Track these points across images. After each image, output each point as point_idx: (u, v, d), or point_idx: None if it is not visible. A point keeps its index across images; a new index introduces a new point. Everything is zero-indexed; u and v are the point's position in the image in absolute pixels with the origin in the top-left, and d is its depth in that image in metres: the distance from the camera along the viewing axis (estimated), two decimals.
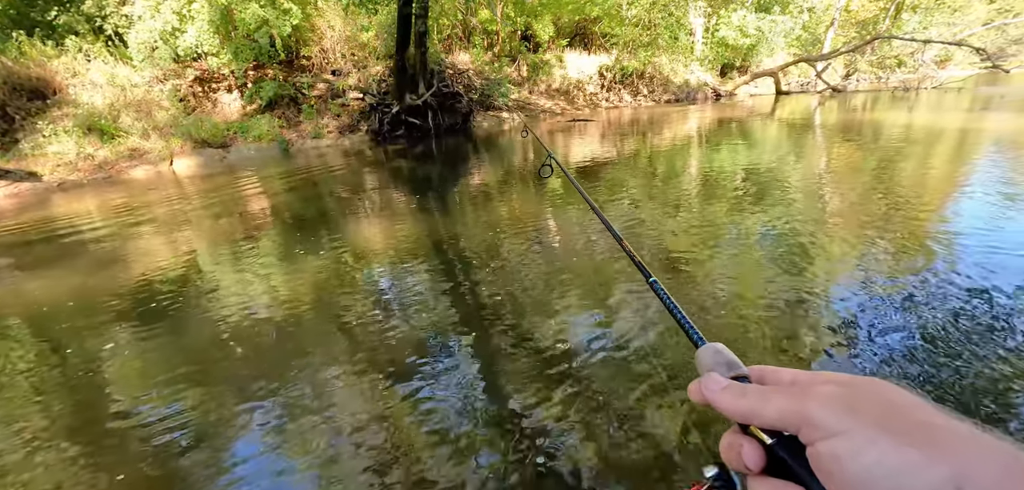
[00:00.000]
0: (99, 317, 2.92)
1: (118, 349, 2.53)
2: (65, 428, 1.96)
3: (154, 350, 2.50)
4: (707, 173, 5.80)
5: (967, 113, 10.19)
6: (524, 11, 16.55)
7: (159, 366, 2.34)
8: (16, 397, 2.20)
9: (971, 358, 1.94)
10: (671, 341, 2.19)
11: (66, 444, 1.86)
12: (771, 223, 3.72)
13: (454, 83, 11.97)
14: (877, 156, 6.03)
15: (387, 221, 4.59)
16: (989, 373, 1.85)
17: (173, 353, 2.44)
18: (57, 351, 2.58)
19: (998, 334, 2.09)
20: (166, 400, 2.07)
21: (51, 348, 2.63)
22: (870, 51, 20.16)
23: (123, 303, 3.09)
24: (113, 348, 2.54)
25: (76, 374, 2.35)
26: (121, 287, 3.35)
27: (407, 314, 2.65)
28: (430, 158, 8.50)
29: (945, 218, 3.63)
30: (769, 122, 10.82)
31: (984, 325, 2.15)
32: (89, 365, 2.40)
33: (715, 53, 18.83)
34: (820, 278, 2.76)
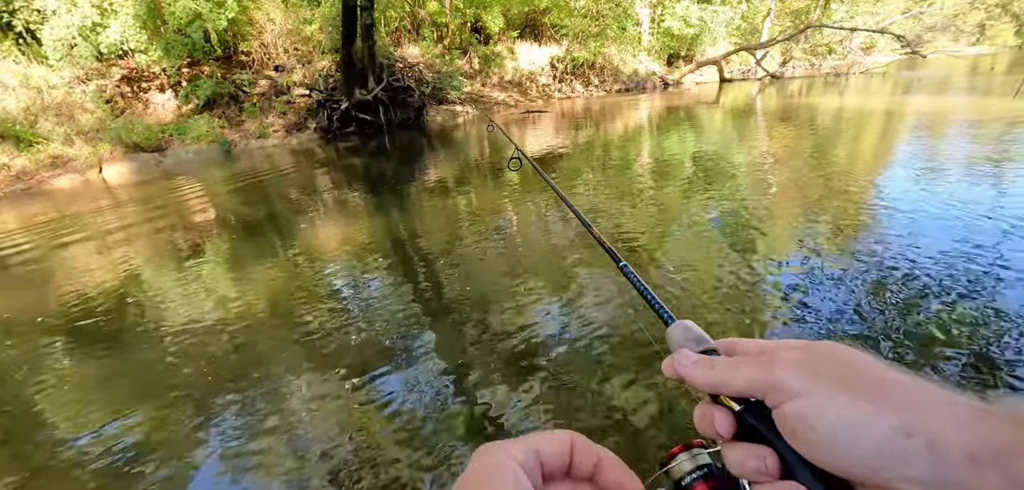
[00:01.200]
0: (27, 343, 2.69)
1: (51, 375, 2.34)
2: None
3: (93, 374, 2.33)
4: (660, 159, 6.00)
5: (890, 96, 11.04)
6: (473, 3, 16.40)
7: (99, 391, 2.19)
8: None
9: (902, 316, 2.13)
10: (635, 323, 2.26)
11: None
12: (722, 204, 3.91)
13: (405, 77, 11.73)
14: (814, 138, 6.43)
15: (343, 221, 4.47)
16: (917, 330, 2.03)
17: (115, 376, 2.29)
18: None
19: (923, 295, 2.30)
20: (109, 426, 1.94)
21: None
22: (804, 39, 21.34)
23: (54, 325, 2.85)
24: (44, 375, 2.35)
25: (7, 403, 2.16)
26: (50, 308, 3.09)
27: (369, 315, 2.61)
28: (384, 154, 8.32)
29: (875, 193, 3.94)
30: (715, 109, 11.29)
31: (911, 288, 2.36)
32: (18, 395, 2.21)
33: (661, 43, 19.37)
34: (769, 253, 2.94)
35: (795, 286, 2.48)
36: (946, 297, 2.26)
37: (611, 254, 0.64)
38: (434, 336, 2.34)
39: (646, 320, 2.24)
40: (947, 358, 1.87)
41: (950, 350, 1.90)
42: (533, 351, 2.14)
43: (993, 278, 2.39)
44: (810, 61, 21.57)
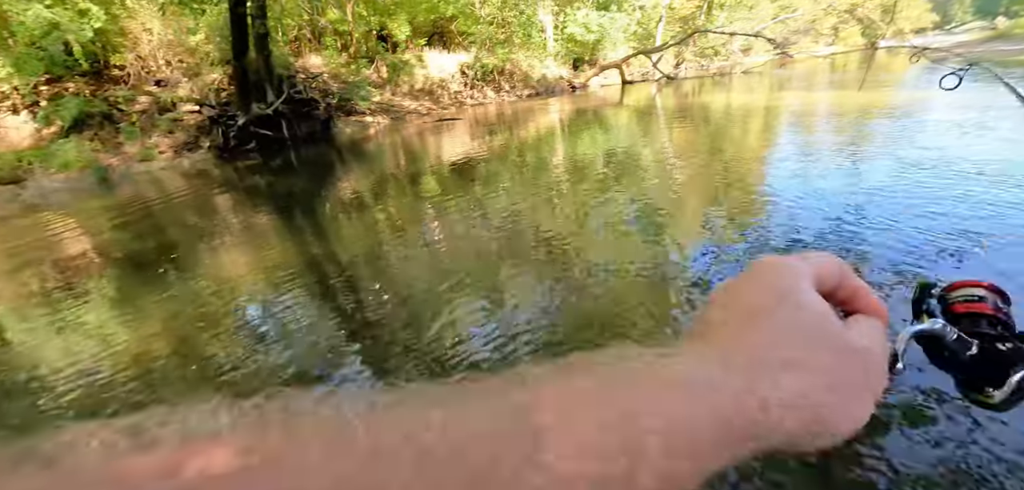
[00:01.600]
0: None
1: None
2: None
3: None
4: (573, 159, 6.29)
5: (768, 92, 12.46)
6: (377, 10, 16.03)
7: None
8: None
9: None
10: (565, 320, 2.36)
11: None
12: (635, 199, 4.22)
13: (308, 88, 11.18)
14: (708, 132, 7.13)
15: (249, 245, 4.19)
16: None
17: None
18: None
19: None
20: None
21: None
22: (692, 43, 23.33)
23: None
24: None
25: None
26: None
27: (286, 342, 2.48)
28: (290, 170, 7.89)
29: (763, 180, 4.50)
30: (620, 109, 12.03)
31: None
32: None
33: (566, 48, 20.22)
34: (677, 243, 3.23)
35: (701, 272, 2.75)
36: None
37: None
38: (359, 357, 2.28)
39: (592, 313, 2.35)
40: None
41: None
42: (465, 363, 2.15)
43: (858, 242, 2.88)
44: (700, 62, 23.67)
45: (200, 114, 10.33)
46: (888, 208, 3.32)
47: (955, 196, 3.39)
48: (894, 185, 3.78)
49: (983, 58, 6.05)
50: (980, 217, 3.00)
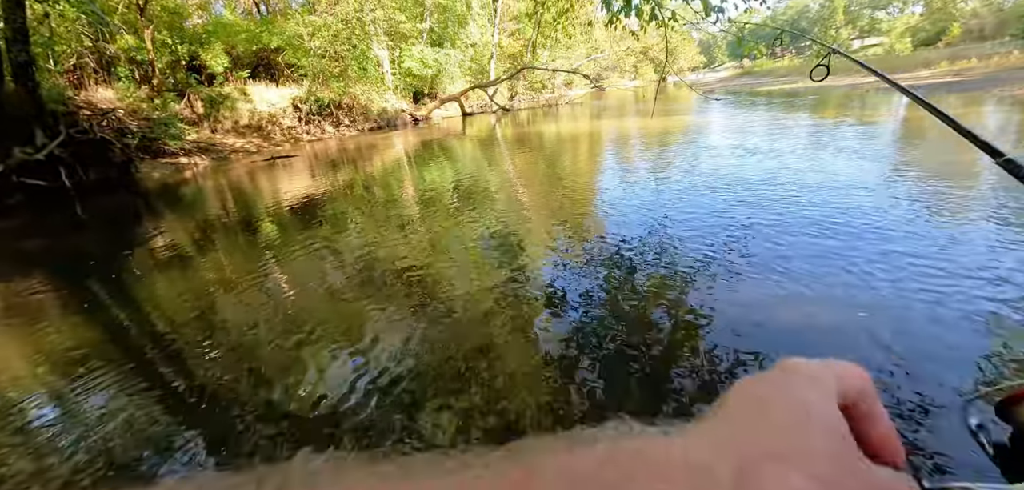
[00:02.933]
0: None
1: None
2: None
3: None
4: (422, 191, 6.35)
5: (590, 120, 14.27)
6: (186, 38, 14.23)
7: None
8: None
9: (628, 296, 2.80)
10: (428, 352, 2.36)
11: None
12: (483, 226, 4.42)
13: (96, 127, 9.36)
14: (545, 157, 7.90)
15: (23, 331, 3.31)
16: (637, 305, 2.70)
17: None
18: None
19: (632, 267, 3.14)
20: None
21: None
22: (523, 78, 25.55)
23: None
24: None
25: None
26: None
27: (100, 444, 2.01)
28: (77, 228, 6.46)
29: (595, 198, 5.16)
30: (463, 139, 12.52)
31: (626, 270, 3.15)
32: None
33: (404, 82, 20.39)
34: (527, 264, 3.44)
35: (552, 288, 2.99)
36: (647, 266, 3.17)
37: (988, 149, 0.61)
38: (202, 439, 1.97)
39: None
40: (659, 304, 2.58)
41: (659, 302, 2.62)
42: (338, 418, 2.00)
43: (672, 245, 3.48)
44: (531, 95, 26.04)
45: None
46: (687, 211, 4.17)
47: (738, 195, 4.47)
48: (692, 193, 4.77)
49: (738, 89, 8.02)
50: (759, 211, 3.95)
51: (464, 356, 2.31)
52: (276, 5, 20.54)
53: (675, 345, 2.25)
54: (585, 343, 2.31)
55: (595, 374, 2.07)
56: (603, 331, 2.41)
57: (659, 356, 2.16)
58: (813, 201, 4.08)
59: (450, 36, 23.03)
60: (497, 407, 1.94)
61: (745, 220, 3.77)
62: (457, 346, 2.40)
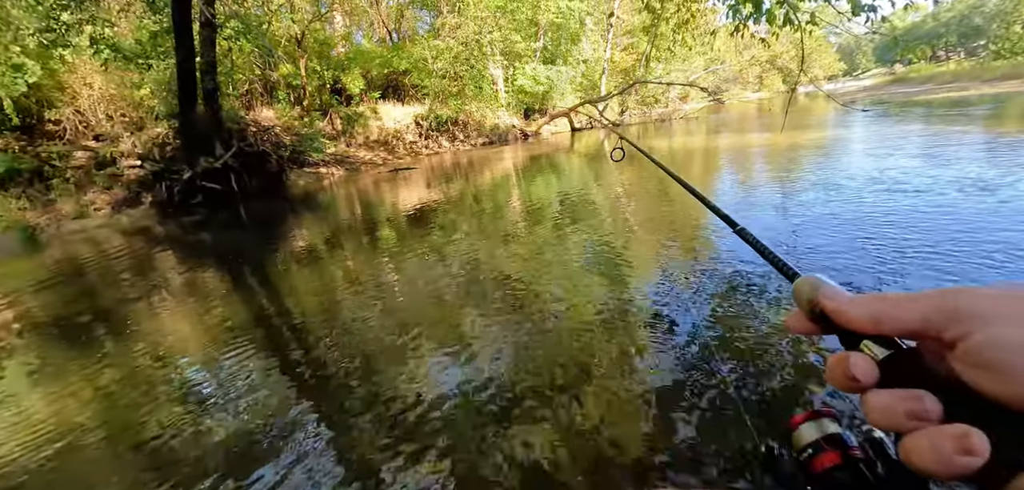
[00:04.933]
0: None
1: None
2: None
3: None
4: (528, 203, 6.51)
5: (706, 135, 13.45)
6: (331, 65, 16.27)
7: None
8: None
9: (746, 314, 2.62)
10: (526, 363, 2.42)
11: None
12: (588, 239, 4.38)
13: (259, 141, 11.08)
14: (657, 174, 7.55)
15: (193, 305, 4.04)
16: (757, 325, 2.51)
17: None
18: None
19: (751, 292, 2.90)
20: None
21: None
22: (634, 92, 24.99)
23: None
24: None
25: None
26: None
27: (237, 411, 2.34)
28: (239, 225, 7.70)
29: (709, 218, 4.66)
30: (571, 155, 12.60)
31: (746, 290, 2.93)
32: None
33: (517, 99, 21.10)
34: (635, 280, 3.34)
35: (660, 307, 2.84)
36: (769, 291, 2.88)
37: (725, 218, 0.65)
38: (318, 420, 2.18)
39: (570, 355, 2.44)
40: (776, 349, 2.36)
41: (775, 345, 2.41)
42: (432, 417, 2.08)
43: (799, 259, 3.16)
44: (643, 110, 25.32)
45: (142, 169, 9.99)
46: (819, 238, 3.68)
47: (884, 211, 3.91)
48: (827, 219, 4.15)
49: (886, 99, 6.94)
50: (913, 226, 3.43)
51: (558, 375, 2.28)
52: (406, 32, 22.58)
53: (783, 403, 2.00)
54: (690, 384, 2.10)
55: (696, 424, 1.84)
56: (708, 374, 2.18)
57: (766, 417, 1.88)
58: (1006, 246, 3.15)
59: (562, 53, 23.37)
60: (585, 436, 1.86)
61: (895, 252, 3.23)
62: (552, 364, 2.38)
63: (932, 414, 0.26)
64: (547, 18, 21.49)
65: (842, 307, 0.32)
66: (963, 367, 0.26)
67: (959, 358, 0.26)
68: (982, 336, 0.25)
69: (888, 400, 0.27)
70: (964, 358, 0.26)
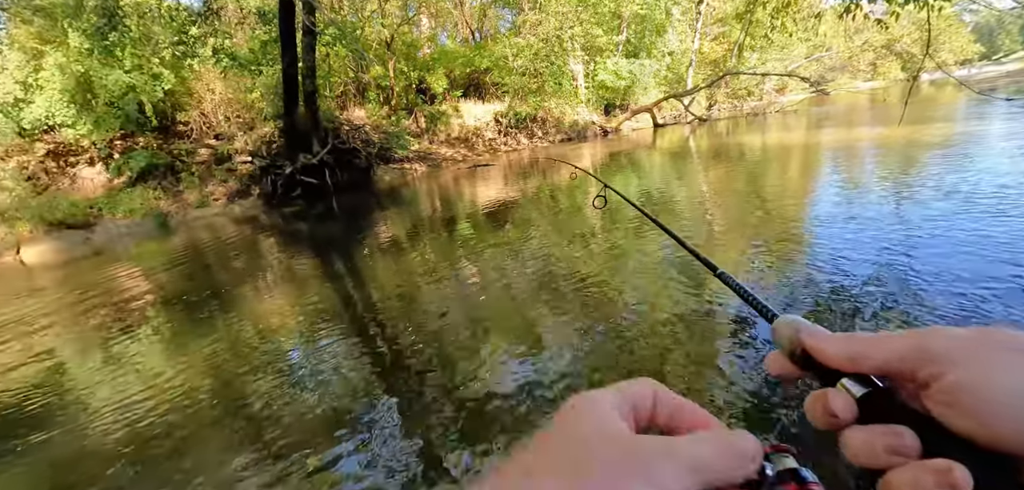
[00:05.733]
0: None
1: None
2: None
3: (15, 478, 2.15)
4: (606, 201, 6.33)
5: (805, 130, 12.23)
6: (417, 66, 17.00)
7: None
8: None
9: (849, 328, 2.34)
10: (597, 361, 2.36)
11: None
12: (666, 242, 4.03)
13: (351, 139, 11.86)
14: (745, 171, 7.01)
15: (289, 288, 4.41)
16: None
17: (39, 476, 2.12)
18: None
19: (858, 305, 2.57)
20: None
21: None
22: (724, 85, 23.44)
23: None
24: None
25: None
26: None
27: (324, 386, 2.51)
28: (331, 216, 8.29)
29: (808, 216, 4.31)
30: (653, 151, 12.09)
31: (849, 301, 2.61)
32: None
33: (597, 95, 20.65)
34: (714, 288, 3.02)
35: (746, 316, 2.59)
36: (875, 303, 2.54)
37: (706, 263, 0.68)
38: (392, 400, 2.28)
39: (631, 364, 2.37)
40: None
41: None
42: (500, 411, 2.09)
43: (913, 287, 2.64)
44: (733, 103, 23.67)
45: (252, 165, 11.11)
46: (941, 247, 3.10)
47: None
48: (945, 222, 3.53)
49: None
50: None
51: (623, 373, 2.19)
52: (488, 31, 23.01)
53: None
54: (775, 399, 1.93)
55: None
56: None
57: None
58: None
59: (646, 46, 22.50)
60: None
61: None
62: (622, 367, 2.29)
63: (911, 450, 0.26)
64: (631, 10, 20.78)
65: (821, 345, 0.32)
66: (935, 406, 0.27)
67: (932, 397, 0.27)
68: (953, 377, 0.26)
69: (868, 436, 0.28)
70: (937, 398, 0.27)
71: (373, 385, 2.46)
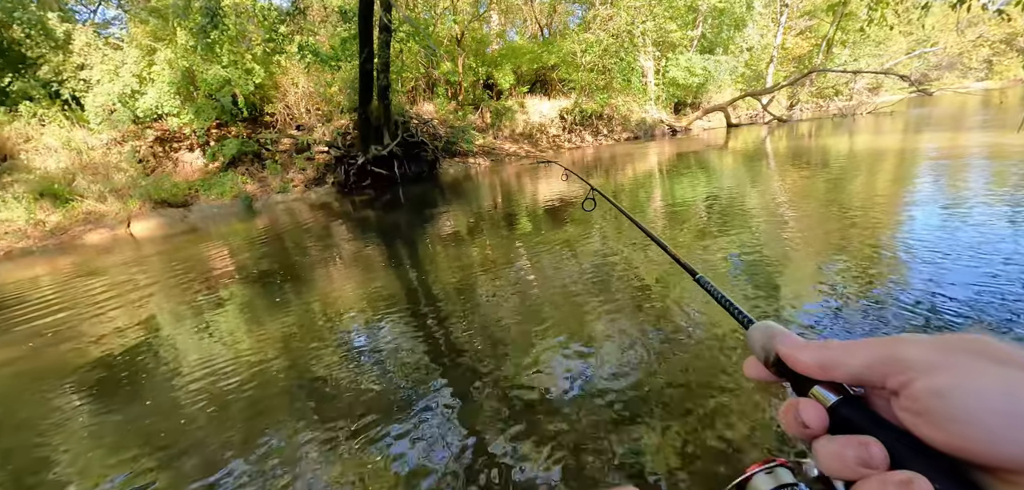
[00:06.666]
0: (47, 394, 2.83)
1: (68, 428, 2.43)
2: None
3: (110, 426, 2.41)
4: (670, 204, 6.11)
5: (902, 134, 11.06)
6: (485, 62, 17.23)
7: (114, 443, 2.25)
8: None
9: None
10: (649, 366, 2.29)
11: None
12: (737, 248, 3.90)
13: (419, 132, 12.26)
14: (828, 178, 6.43)
15: (356, 272, 4.64)
16: None
17: (130, 427, 2.36)
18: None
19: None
20: (123, 477, 1.98)
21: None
22: (809, 83, 21.79)
23: (73, 379, 2.98)
24: (62, 428, 2.44)
25: (18, 458, 2.24)
26: (72, 361, 3.24)
27: (382, 367, 2.62)
28: (397, 206, 8.62)
29: (896, 232, 3.87)
30: (724, 153, 11.48)
31: (938, 328, 2.35)
32: (35, 446, 2.31)
33: (667, 92, 19.91)
34: (789, 298, 2.87)
35: (819, 333, 2.43)
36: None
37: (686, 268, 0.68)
38: (447, 389, 2.33)
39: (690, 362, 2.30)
40: None
41: None
42: (549, 404, 2.09)
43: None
44: (817, 103, 21.96)
45: (328, 154, 11.79)
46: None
47: None
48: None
49: None
50: None
51: (687, 393, 2.08)
52: (557, 26, 22.88)
53: None
54: None
55: None
56: None
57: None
58: None
59: (723, 41, 21.38)
60: (712, 460, 1.69)
61: None
62: (681, 378, 2.19)
63: (878, 461, 0.26)
64: (708, 3, 19.83)
65: (793, 352, 0.33)
66: (905, 415, 0.27)
67: (901, 405, 0.27)
68: (921, 385, 0.26)
69: (837, 447, 0.28)
70: (905, 405, 0.27)
71: (427, 370, 2.53)
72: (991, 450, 0.23)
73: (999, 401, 0.23)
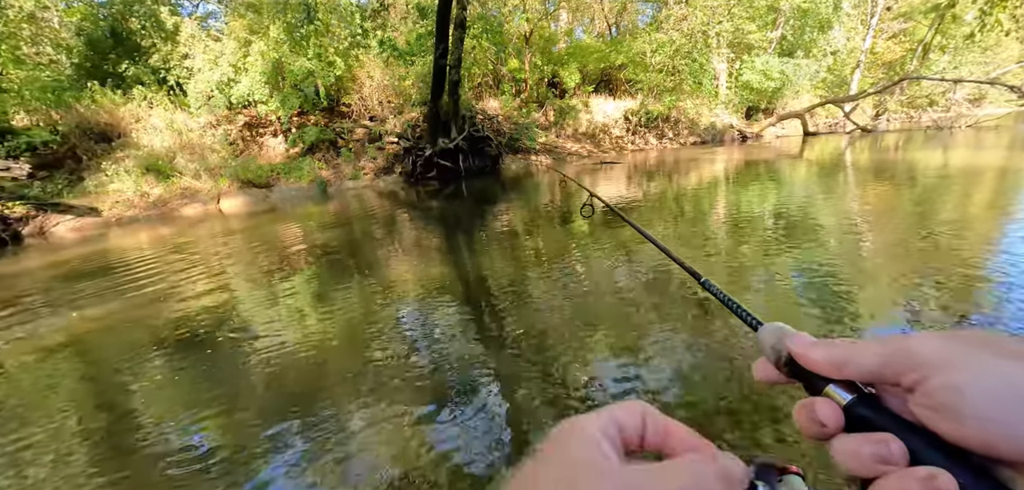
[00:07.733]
0: (138, 347, 3.16)
1: (152, 377, 2.73)
2: (91, 446, 2.15)
3: (186, 379, 2.66)
4: (735, 213, 5.87)
5: (1008, 151, 9.94)
6: (551, 60, 17.25)
7: (188, 395, 2.49)
8: (53, 413, 2.43)
9: None
10: (709, 368, 2.28)
11: (89, 463, 2.03)
12: (804, 263, 3.70)
13: (484, 128, 12.50)
14: (914, 196, 5.91)
15: (417, 259, 4.84)
16: None
17: (203, 383, 2.60)
18: (94, 377, 2.86)
19: None
20: (191, 426, 2.19)
21: (90, 374, 2.91)
22: (899, 91, 20.05)
23: (161, 334, 3.31)
24: (147, 377, 2.74)
25: (110, 398, 2.53)
26: (160, 319, 3.60)
27: (436, 351, 2.71)
28: (460, 198, 8.86)
29: (994, 260, 3.50)
30: (798, 163, 10.84)
31: None
32: (123, 391, 2.60)
33: (740, 97, 19.01)
34: (862, 321, 2.69)
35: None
36: None
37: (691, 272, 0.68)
38: (497, 376, 2.39)
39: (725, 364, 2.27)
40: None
41: None
42: (594, 404, 2.12)
43: None
44: (908, 113, 20.14)
45: (398, 145, 12.29)
46: None
47: None
48: None
49: None
50: None
51: (747, 412, 2.02)
52: (626, 25, 22.46)
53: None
54: None
55: None
56: None
57: None
58: None
59: (805, 43, 20.09)
60: None
61: None
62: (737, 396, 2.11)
63: (898, 458, 0.26)
64: (791, 3, 18.70)
65: (806, 351, 0.33)
66: (921, 410, 0.27)
67: (917, 402, 0.27)
68: (937, 381, 0.26)
69: (855, 445, 0.28)
70: (921, 402, 0.27)
71: (476, 361, 2.57)
72: (1012, 444, 0.23)
73: (1018, 396, 0.24)
